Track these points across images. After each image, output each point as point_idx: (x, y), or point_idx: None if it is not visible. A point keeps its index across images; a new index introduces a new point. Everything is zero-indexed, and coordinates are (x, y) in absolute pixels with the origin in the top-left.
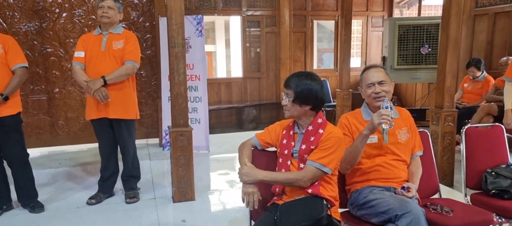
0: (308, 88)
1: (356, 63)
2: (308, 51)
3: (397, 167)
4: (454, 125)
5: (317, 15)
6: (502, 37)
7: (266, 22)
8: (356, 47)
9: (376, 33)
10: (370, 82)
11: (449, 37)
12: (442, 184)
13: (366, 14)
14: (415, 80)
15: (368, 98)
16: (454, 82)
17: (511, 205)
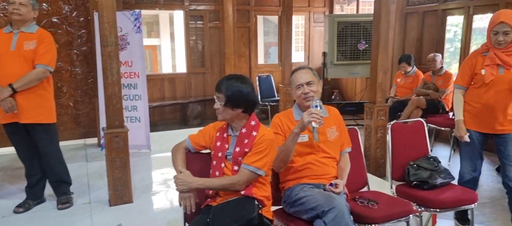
0: (239, 91)
1: (299, 58)
2: (252, 46)
3: (327, 164)
4: (386, 119)
5: (260, 10)
6: (430, 34)
7: (210, 17)
8: (300, 42)
9: (318, 28)
10: (299, 84)
11: (380, 37)
12: (376, 175)
13: (308, 10)
14: (354, 75)
15: (298, 99)
16: (385, 79)
17: (429, 195)
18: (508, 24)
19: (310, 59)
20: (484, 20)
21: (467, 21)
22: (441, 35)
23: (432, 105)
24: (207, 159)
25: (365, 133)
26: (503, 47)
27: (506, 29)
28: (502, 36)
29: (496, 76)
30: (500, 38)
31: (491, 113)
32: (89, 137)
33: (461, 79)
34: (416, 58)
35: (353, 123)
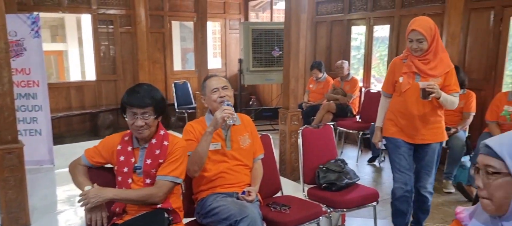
0: (161, 97)
1: (217, 64)
2: (167, 52)
3: (240, 172)
4: (299, 124)
5: (175, 15)
6: (338, 42)
7: (121, 22)
8: (218, 48)
9: (234, 35)
10: (214, 88)
11: (290, 45)
12: (291, 179)
13: (224, 17)
14: (269, 81)
15: (214, 103)
16: (297, 85)
17: (337, 196)
18: (420, 32)
19: (227, 65)
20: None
21: (368, 31)
22: (347, 44)
23: (341, 109)
24: (109, 174)
25: (280, 138)
26: (419, 55)
27: (419, 37)
28: (416, 44)
29: (412, 85)
30: (414, 46)
31: (411, 122)
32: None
33: (385, 86)
34: (326, 65)
35: (270, 127)
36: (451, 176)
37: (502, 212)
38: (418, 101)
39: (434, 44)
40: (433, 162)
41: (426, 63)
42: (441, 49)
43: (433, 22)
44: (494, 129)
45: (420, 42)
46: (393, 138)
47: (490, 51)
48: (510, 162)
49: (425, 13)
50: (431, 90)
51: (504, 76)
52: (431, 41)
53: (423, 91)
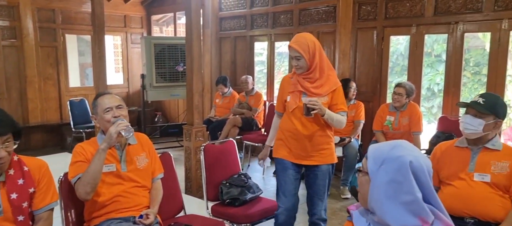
0: (16, 122)
1: (118, 80)
2: (61, 68)
3: (137, 194)
4: (204, 140)
5: (69, 28)
6: (242, 57)
7: (4, 34)
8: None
9: (137, 50)
10: (107, 107)
11: (193, 60)
12: (197, 197)
13: (125, 30)
14: (174, 97)
15: (107, 123)
16: (201, 100)
17: (240, 211)
18: (295, 49)
19: (130, 81)
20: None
21: (270, 47)
22: (251, 59)
23: (247, 123)
24: None
25: (185, 155)
26: (301, 73)
27: (295, 54)
28: (295, 61)
29: (299, 105)
30: (293, 63)
31: (299, 142)
32: None
33: (277, 104)
34: (231, 80)
35: (177, 144)
36: (347, 182)
37: (365, 205)
38: (306, 120)
39: (316, 61)
40: (324, 186)
41: (311, 81)
42: (327, 67)
43: (312, 39)
44: (380, 137)
45: (298, 59)
46: (281, 159)
47: (375, 67)
48: (371, 163)
49: (320, 31)
50: (313, 107)
51: (387, 89)
52: (311, 59)
53: (305, 108)
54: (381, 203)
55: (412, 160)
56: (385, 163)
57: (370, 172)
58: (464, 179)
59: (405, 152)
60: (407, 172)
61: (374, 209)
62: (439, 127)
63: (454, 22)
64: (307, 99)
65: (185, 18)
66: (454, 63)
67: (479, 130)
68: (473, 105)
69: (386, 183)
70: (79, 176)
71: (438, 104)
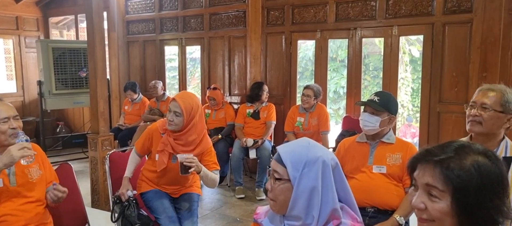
0: None
1: (11, 87)
2: None
3: (29, 210)
4: (111, 148)
5: None
6: (152, 62)
7: None
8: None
9: (33, 54)
10: (5, 117)
11: (96, 65)
12: (106, 210)
13: (18, 33)
14: (78, 104)
15: (2, 135)
16: (106, 107)
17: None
18: (179, 104)
19: (25, 89)
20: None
21: (181, 51)
22: (161, 63)
23: None
24: None
25: (90, 166)
26: (174, 129)
27: (176, 110)
28: (172, 116)
29: (169, 165)
30: (169, 118)
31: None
32: None
33: (139, 147)
34: (141, 86)
35: (83, 156)
36: (262, 184)
37: (283, 212)
38: (178, 177)
39: (192, 122)
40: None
41: (182, 143)
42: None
43: (197, 101)
44: (291, 137)
45: (177, 115)
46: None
47: (285, 70)
48: (291, 169)
49: (231, 35)
50: (190, 165)
51: (296, 91)
52: (189, 119)
53: (182, 166)
54: (308, 208)
55: (329, 157)
56: (307, 167)
57: (292, 179)
58: (365, 171)
59: (321, 152)
60: (330, 173)
61: (298, 215)
62: (343, 126)
63: (353, 28)
64: (184, 156)
65: (86, 20)
66: (355, 66)
67: (377, 126)
68: (369, 104)
69: (312, 187)
70: None
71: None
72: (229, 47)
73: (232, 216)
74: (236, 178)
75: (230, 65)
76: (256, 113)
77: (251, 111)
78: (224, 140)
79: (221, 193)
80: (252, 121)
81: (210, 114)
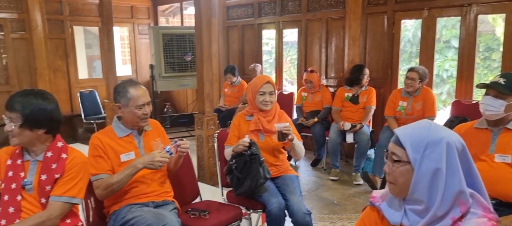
0: (39, 109)
1: (127, 71)
2: (70, 60)
3: (155, 180)
4: (216, 128)
5: (76, 20)
6: (250, 46)
7: (12, 27)
8: (127, 54)
9: (144, 40)
10: (142, 104)
11: (203, 49)
12: (211, 184)
13: (132, 21)
14: (183, 86)
15: (135, 117)
16: (212, 89)
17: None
18: (272, 85)
19: (138, 72)
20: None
21: (278, 35)
22: (259, 47)
23: None
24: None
25: (197, 143)
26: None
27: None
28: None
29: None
30: (267, 99)
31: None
32: None
33: (229, 140)
34: (239, 69)
35: (187, 134)
36: (359, 168)
37: (403, 196)
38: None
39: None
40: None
41: (270, 119)
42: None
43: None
44: (392, 123)
45: (271, 94)
46: None
47: (386, 52)
48: (410, 151)
49: (329, 17)
50: (287, 132)
51: (398, 74)
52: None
53: (279, 134)
54: (431, 191)
55: (453, 139)
56: (429, 148)
57: (413, 161)
58: (485, 160)
59: (444, 132)
60: (454, 155)
61: (420, 199)
62: (452, 111)
63: (467, 4)
64: (282, 125)
65: (194, 6)
66: (468, 47)
67: (501, 111)
68: (494, 86)
69: (435, 169)
70: (100, 176)
71: (447, 91)
72: (326, 30)
73: (329, 198)
74: (332, 162)
75: (327, 47)
76: (355, 97)
77: (349, 95)
78: (321, 123)
79: (316, 176)
80: (350, 105)
81: (307, 97)
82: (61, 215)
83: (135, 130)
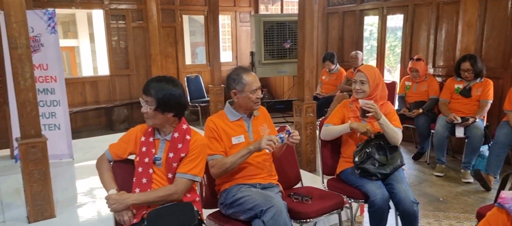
0: (170, 94)
1: (227, 57)
2: (179, 47)
3: (263, 163)
4: (314, 115)
5: (186, 9)
6: (350, 33)
7: (133, 17)
8: (228, 41)
9: (245, 28)
10: (255, 88)
11: (305, 36)
12: (307, 170)
13: (234, 10)
14: (281, 73)
15: (248, 101)
16: (312, 77)
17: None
18: (364, 74)
19: (238, 59)
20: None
21: (381, 21)
22: (360, 34)
23: None
24: (128, 167)
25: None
26: (361, 97)
27: (362, 79)
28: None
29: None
30: (357, 87)
31: None
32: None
33: (331, 118)
34: (338, 56)
35: (283, 120)
36: (469, 165)
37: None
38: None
39: (378, 89)
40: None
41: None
42: (383, 96)
43: (378, 72)
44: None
45: (363, 83)
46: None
47: (507, 39)
48: None
49: (441, 1)
50: (368, 109)
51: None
52: (373, 86)
53: (361, 110)
54: None
55: None
56: None
57: None
58: None
59: None
60: None
61: None
62: None
63: None
64: (363, 102)
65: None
66: None
67: None
68: None
69: None
70: (216, 157)
71: None
72: (437, 15)
73: (434, 195)
74: (437, 156)
75: (436, 34)
76: (467, 89)
77: (460, 87)
78: (425, 115)
79: (419, 170)
80: (460, 97)
81: (411, 86)
82: (185, 190)
83: (246, 115)
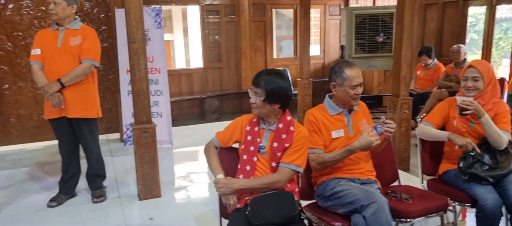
0: (279, 87)
1: (315, 51)
2: (268, 41)
3: (361, 158)
4: (409, 112)
5: (276, 4)
6: (451, 25)
7: (226, 12)
8: (315, 35)
9: (334, 21)
10: (356, 84)
11: (403, 29)
12: (400, 169)
13: (324, 3)
14: (372, 68)
15: (347, 96)
16: (409, 72)
17: (461, 192)
18: (477, 69)
19: (326, 52)
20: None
21: (490, 12)
22: (462, 26)
23: None
24: (233, 154)
25: None
26: (474, 95)
27: (474, 75)
28: (471, 82)
29: (466, 130)
30: (469, 84)
31: None
32: (111, 132)
33: (431, 117)
34: (436, 50)
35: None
36: None
37: None
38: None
39: (490, 86)
40: None
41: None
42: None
43: (491, 66)
44: None
45: (476, 80)
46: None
47: None
48: None
49: None
50: (464, 106)
51: None
52: (487, 82)
53: (458, 107)
54: None
55: None
56: None
57: None
58: None
59: None
60: None
61: None
62: None
63: None
64: (461, 99)
65: None
66: None
67: None
68: None
69: None
70: (316, 151)
71: None
72: None
73: None
74: None
75: None
76: None
77: None
78: None
79: None
80: None
81: None
82: (288, 179)
83: (346, 109)
